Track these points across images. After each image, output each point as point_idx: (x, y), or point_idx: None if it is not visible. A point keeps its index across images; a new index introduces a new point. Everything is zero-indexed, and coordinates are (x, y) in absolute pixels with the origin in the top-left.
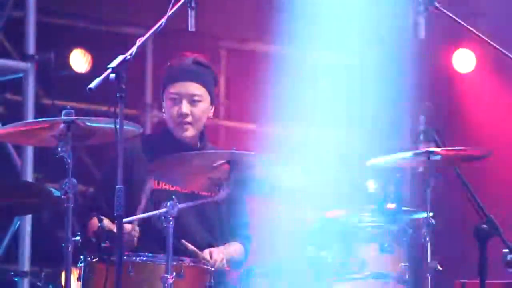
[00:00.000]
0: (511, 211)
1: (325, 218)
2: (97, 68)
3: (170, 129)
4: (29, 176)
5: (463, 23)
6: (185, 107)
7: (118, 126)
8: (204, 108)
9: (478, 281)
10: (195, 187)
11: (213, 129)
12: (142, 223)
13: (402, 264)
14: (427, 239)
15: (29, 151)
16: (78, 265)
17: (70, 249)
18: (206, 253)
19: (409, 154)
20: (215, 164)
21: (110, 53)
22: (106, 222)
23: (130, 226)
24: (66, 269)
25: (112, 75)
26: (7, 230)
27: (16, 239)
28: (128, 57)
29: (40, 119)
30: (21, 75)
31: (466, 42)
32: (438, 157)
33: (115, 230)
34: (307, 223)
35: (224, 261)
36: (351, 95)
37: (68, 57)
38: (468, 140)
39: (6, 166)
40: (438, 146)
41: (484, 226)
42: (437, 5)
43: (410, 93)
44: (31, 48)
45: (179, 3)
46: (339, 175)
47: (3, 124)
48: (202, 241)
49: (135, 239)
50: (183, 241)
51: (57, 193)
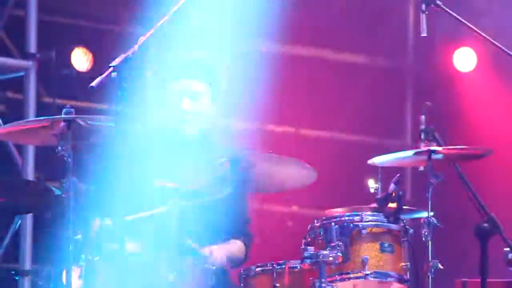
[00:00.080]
0: None
1: None
2: (98, 67)
3: (171, 126)
4: (30, 174)
5: (464, 21)
6: (187, 103)
7: (119, 125)
8: (205, 105)
9: (479, 280)
10: (196, 185)
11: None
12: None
13: (403, 263)
14: (428, 238)
15: (30, 150)
16: (79, 264)
17: (71, 248)
18: (206, 250)
19: (410, 153)
20: (216, 162)
21: (112, 52)
22: (108, 221)
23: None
24: (67, 268)
25: (114, 74)
26: (8, 229)
27: (17, 238)
28: (130, 55)
29: (41, 118)
30: (22, 73)
31: (467, 40)
32: (439, 156)
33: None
34: None
35: (225, 258)
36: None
37: (69, 56)
38: (469, 139)
39: (7, 165)
40: (439, 145)
41: (485, 224)
42: (439, 3)
43: (411, 92)
44: (32, 47)
45: (182, 2)
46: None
47: (4, 123)
48: (203, 239)
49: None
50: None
51: (58, 192)
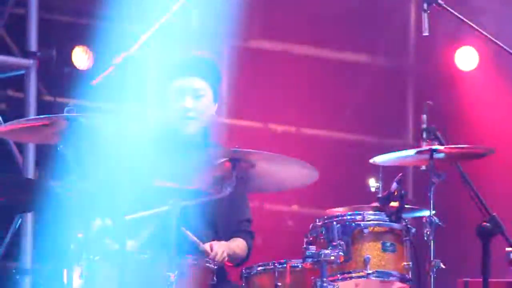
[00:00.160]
0: None
1: None
2: (99, 65)
3: (172, 125)
4: (30, 173)
5: (465, 20)
6: (188, 102)
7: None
8: (207, 104)
9: (481, 280)
10: (197, 184)
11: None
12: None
13: (405, 262)
14: (430, 237)
15: (31, 148)
16: (80, 263)
17: (72, 247)
18: (207, 245)
19: (412, 152)
20: (217, 162)
21: (112, 50)
22: (109, 221)
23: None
24: (68, 267)
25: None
26: (8, 228)
27: (17, 237)
28: (131, 54)
29: (41, 116)
30: (22, 72)
31: (468, 39)
32: (441, 155)
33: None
34: None
35: (225, 254)
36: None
37: (70, 54)
38: (471, 138)
39: (8, 163)
40: (441, 144)
41: (487, 224)
42: (440, 2)
43: (412, 91)
44: (33, 45)
45: (183, 1)
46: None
47: (5, 121)
48: (205, 238)
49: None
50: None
51: (59, 190)
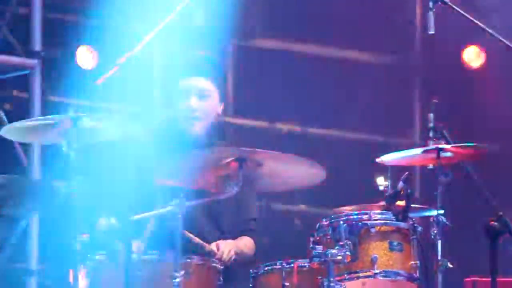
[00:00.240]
0: None
1: None
2: (103, 65)
3: (178, 125)
4: (35, 173)
5: (471, 18)
6: (194, 102)
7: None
8: (212, 104)
9: (489, 279)
10: (203, 184)
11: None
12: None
13: (412, 262)
14: (437, 237)
15: (36, 149)
16: (86, 264)
17: (77, 248)
18: (213, 245)
19: (419, 151)
20: (223, 161)
21: (117, 50)
22: (114, 221)
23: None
24: (73, 267)
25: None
26: (14, 229)
27: (23, 238)
28: (135, 54)
29: (46, 116)
30: (27, 72)
31: (475, 38)
32: (448, 154)
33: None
34: None
35: (232, 253)
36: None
37: (74, 54)
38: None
39: (13, 164)
40: (448, 143)
41: (495, 223)
42: (446, 0)
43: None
44: (37, 45)
45: (187, 1)
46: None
47: (10, 121)
48: (211, 238)
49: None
50: (187, 232)
51: (63, 191)
